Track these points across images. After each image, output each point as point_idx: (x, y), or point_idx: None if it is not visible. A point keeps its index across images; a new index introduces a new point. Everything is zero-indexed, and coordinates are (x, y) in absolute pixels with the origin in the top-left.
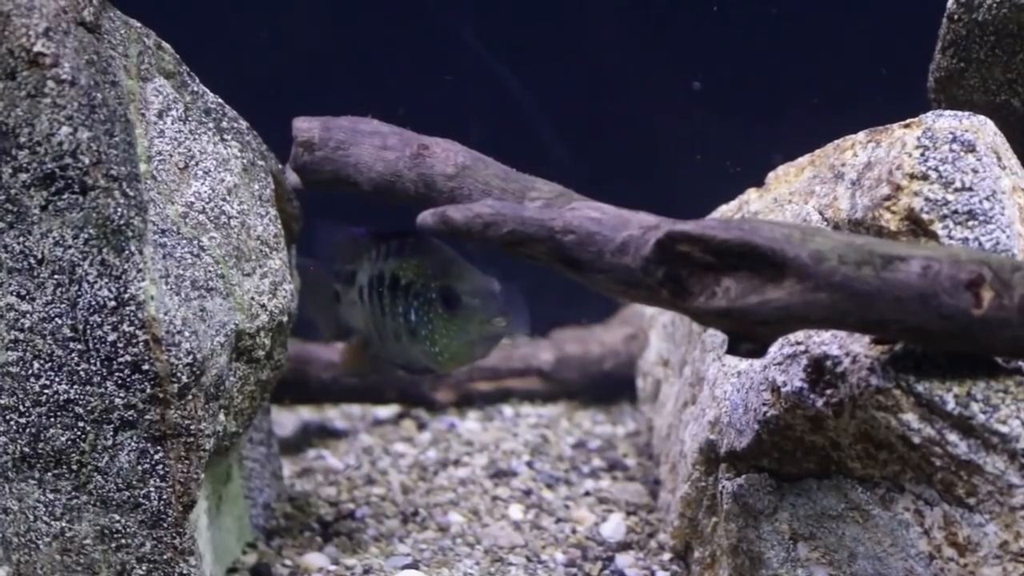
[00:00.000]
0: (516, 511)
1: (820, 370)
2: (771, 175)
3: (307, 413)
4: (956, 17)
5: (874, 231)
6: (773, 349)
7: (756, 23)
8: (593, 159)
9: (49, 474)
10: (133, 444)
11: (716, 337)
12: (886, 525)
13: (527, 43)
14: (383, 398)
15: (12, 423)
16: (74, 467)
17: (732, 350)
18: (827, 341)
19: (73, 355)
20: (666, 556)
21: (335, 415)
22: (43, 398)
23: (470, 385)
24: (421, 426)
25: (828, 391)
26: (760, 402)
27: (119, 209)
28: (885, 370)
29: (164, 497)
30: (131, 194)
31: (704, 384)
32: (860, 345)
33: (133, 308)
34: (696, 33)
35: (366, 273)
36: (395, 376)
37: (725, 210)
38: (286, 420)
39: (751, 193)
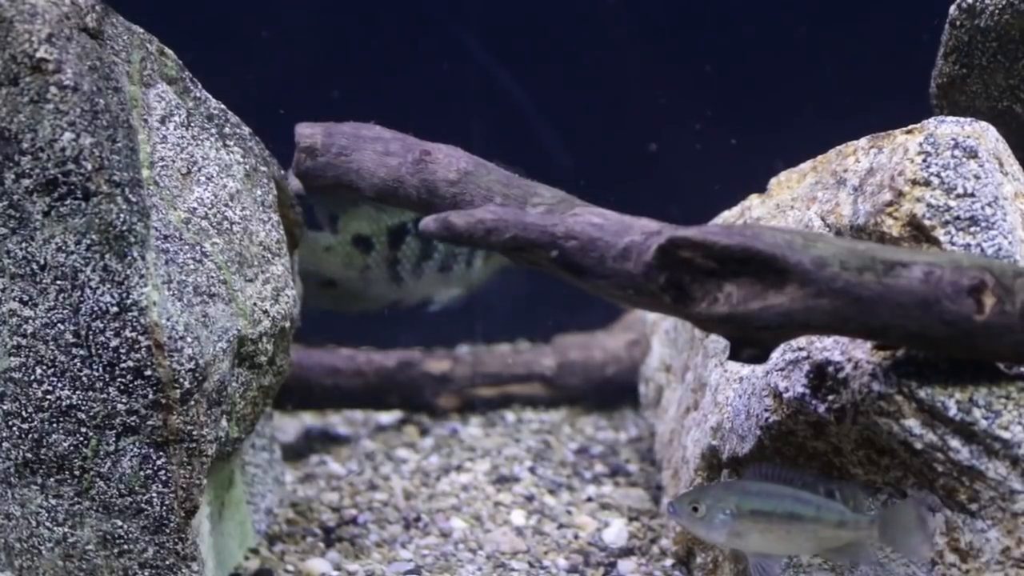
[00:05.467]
0: (518, 517)
1: (822, 376)
2: (773, 181)
3: (309, 419)
4: (958, 23)
5: (876, 237)
6: (775, 355)
7: (759, 29)
8: (595, 165)
9: (51, 480)
10: (135, 450)
11: (718, 343)
12: None
13: (530, 49)
14: (386, 404)
15: (15, 428)
16: (76, 473)
17: (734, 356)
18: (829, 347)
19: (75, 361)
20: (668, 562)
21: (337, 421)
22: (46, 404)
23: (472, 391)
24: (423, 432)
25: (830, 397)
26: (762, 408)
27: (121, 215)
28: (887, 376)
29: (166, 503)
30: (133, 200)
31: (706, 390)
32: (862, 351)
33: (135, 314)
34: (699, 39)
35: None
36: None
37: (727, 216)
38: (289, 426)
39: (753, 199)
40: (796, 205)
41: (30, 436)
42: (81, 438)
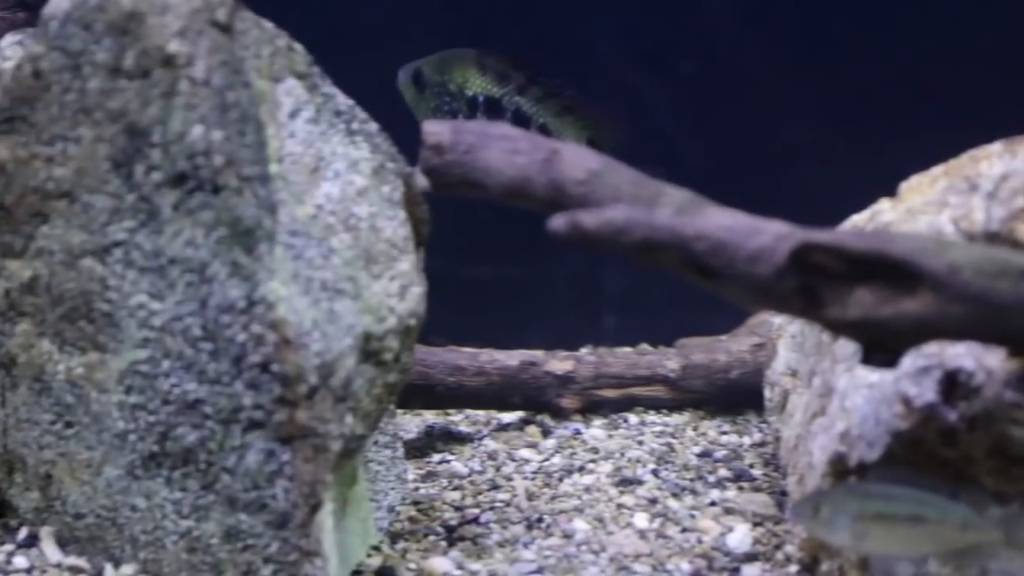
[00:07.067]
0: (641, 519)
1: (953, 383)
2: (904, 185)
3: (432, 417)
4: None
5: (1010, 243)
6: (905, 361)
7: (889, 29)
8: (725, 166)
9: (177, 473)
10: (261, 445)
11: (847, 348)
12: None
13: (659, 48)
14: (508, 404)
15: (141, 421)
16: (202, 466)
17: (865, 361)
18: (961, 354)
19: (202, 355)
20: (793, 568)
21: (459, 419)
22: (172, 397)
23: (595, 392)
24: (546, 432)
25: (961, 404)
26: (891, 414)
27: (250, 210)
28: (1021, 384)
29: (291, 498)
30: (262, 195)
31: (834, 395)
32: (995, 358)
33: (263, 309)
34: (828, 41)
35: None
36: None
37: (857, 220)
38: (411, 424)
39: (883, 203)
40: (927, 210)
41: (156, 429)
42: (207, 432)
